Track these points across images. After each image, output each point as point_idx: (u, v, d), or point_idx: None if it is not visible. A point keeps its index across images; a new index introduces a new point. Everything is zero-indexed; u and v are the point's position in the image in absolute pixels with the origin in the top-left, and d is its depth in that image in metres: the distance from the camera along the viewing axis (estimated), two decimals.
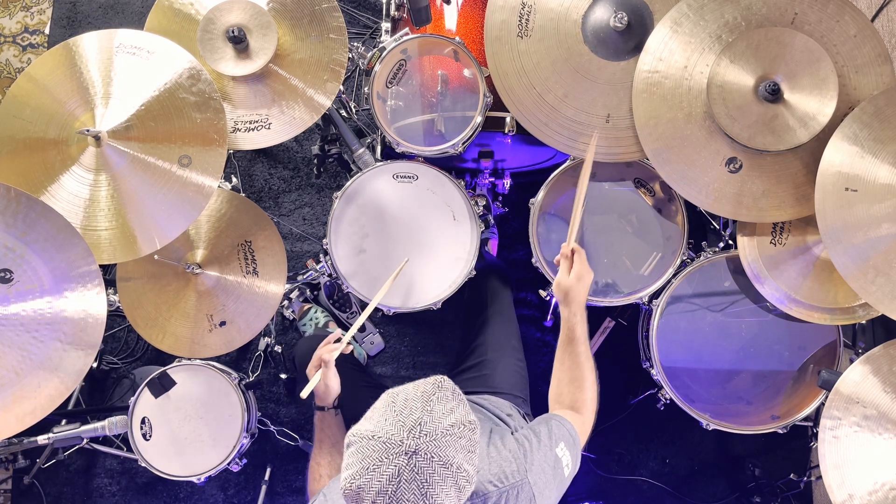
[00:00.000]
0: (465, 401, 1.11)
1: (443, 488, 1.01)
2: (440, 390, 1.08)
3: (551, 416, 1.44)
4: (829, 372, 1.68)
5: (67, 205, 1.63)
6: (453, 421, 1.05)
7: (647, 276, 1.93)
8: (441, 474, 1.01)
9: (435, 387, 1.09)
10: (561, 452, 1.35)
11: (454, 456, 1.03)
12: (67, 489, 2.46)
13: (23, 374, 1.49)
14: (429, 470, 1.01)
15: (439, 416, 1.04)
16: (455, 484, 1.03)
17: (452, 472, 1.02)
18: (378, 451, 1.01)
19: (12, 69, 2.76)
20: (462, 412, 1.08)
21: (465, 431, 1.06)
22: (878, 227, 1.53)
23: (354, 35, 2.66)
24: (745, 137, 1.61)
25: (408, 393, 1.08)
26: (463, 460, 1.04)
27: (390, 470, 1.00)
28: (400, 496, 1.00)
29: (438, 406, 1.05)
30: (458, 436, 1.04)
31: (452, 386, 1.11)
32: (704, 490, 2.47)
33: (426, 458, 1.01)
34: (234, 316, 1.84)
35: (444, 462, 1.02)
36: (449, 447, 1.02)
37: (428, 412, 1.04)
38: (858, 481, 1.53)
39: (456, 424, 1.05)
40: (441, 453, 1.02)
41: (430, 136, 1.87)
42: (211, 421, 1.90)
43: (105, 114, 1.65)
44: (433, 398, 1.06)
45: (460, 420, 1.06)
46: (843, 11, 1.62)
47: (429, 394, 1.07)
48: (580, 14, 1.73)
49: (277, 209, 2.62)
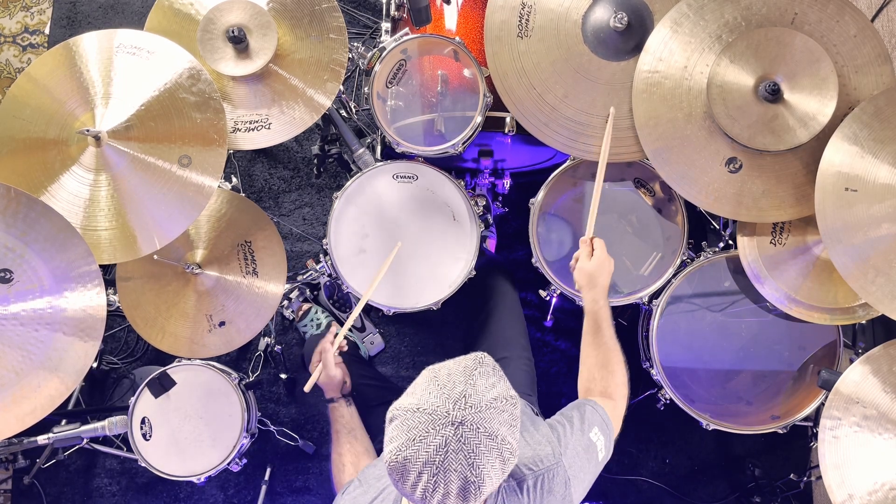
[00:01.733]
0: (505, 377, 1.12)
1: (488, 459, 1.02)
2: (482, 365, 1.09)
3: (584, 401, 1.44)
4: (829, 372, 1.68)
5: (67, 205, 1.63)
6: (496, 395, 1.06)
7: (647, 276, 1.93)
8: (487, 445, 1.02)
9: (476, 362, 1.10)
10: (595, 437, 1.36)
11: (499, 428, 1.04)
12: (67, 489, 2.46)
13: (23, 374, 1.49)
14: (475, 440, 1.01)
15: (483, 389, 1.05)
16: (500, 455, 1.04)
17: (497, 444, 1.03)
18: (424, 423, 1.02)
19: (12, 69, 2.76)
20: (503, 387, 1.09)
21: (507, 405, 1.06)
22: (878, 227, 1.53)
23: (354, 35, 2.66)
24: (745, 137, 1.61)
25: (450, 368, 1.08)
26: (507, 433, 1.05)
27: (437, 440, 1.00)
28: (447, 466, 1.01)
29: (481, 380, 1.06)
30: (501, 409, 1.05)
31: (493, 362, 1.12)
32: (704, 490, 2.47)
33: (472, 429, 1.01)
34: (233, 316, 1.84)
35: (489, 433, 1.02)
36: (493, 419, 1.03)
37: (472, 385, 1.05)
38: (858, 481, 1.53)
39: (499, 398, 1.06)
40: (486, 425, 1.02)
41: (430, 136, 1.87)
42: (211, 421, 1.90)
43: (105, 114, 1.65)
44: (475, 372, 1.07)
45: (502, 394, 1.07)
46: (843, 11, 1.62)
47: (471, 368, 1.08)
48: (580, 14, 1.73)
49: (277, 209, 2.62)
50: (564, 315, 2.50)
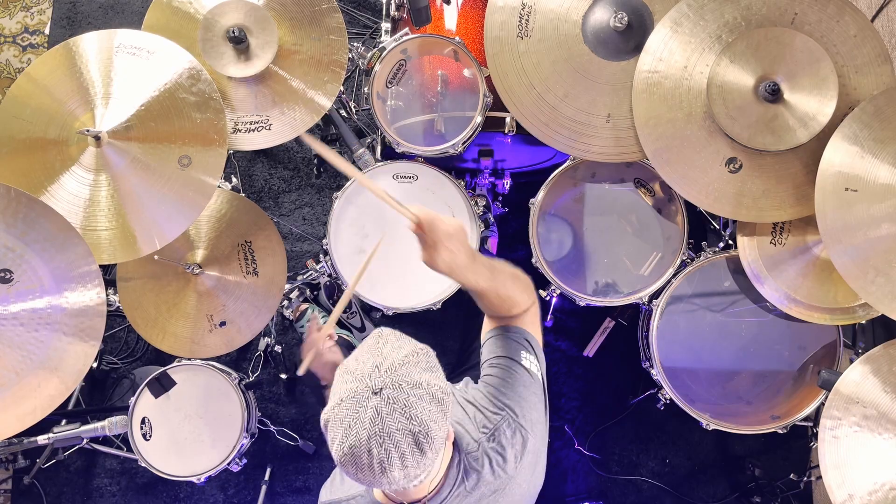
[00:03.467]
0: (410, 338, 1.15)
1: (422, 405, 1.04)
2: (381, 337, 1.13)
3: (490, 334, 1.39)
4: (829, 372, 1.68)
5: (67, 205, 1.63)
6: (406, 352, 1.09)
7: (647, 276, 1.93)
8: (415, 394, 1.05)
9: (376, 337, 1.14)
10: (526, 362, 1.34)
11: (419, 375, 1.07)
12: (67, 489, 2.46)
13: (23, 374, 1.49)
14: (402, 395, 1.04)
15: (390, 352, 1.09)
16: (433, 397, 1.06)
17: (424, 389, 1.06)
18: (351, 407, 1.04)
19: (12, 69, 2.76)
20: (411, 345, 1.12)
21: (420, 357, 1.10)
22: (878, 227, 1.53)
23: (354, 35, 2.66)
24: (744, 137, 1.61)
25: (355, 356, 1.12)
26: (429, 377, 1.08)
27: (369, 413, 1.03)
28: (389, 429, 1.02)
29: (386, 347, 1.10)
30: (414, 361, 1.08)
31: (391, 330, 1.16)
32: (704, 490, 2.47)
33: (395, 387, 1.04)
34: (234, 316, 1.84)
35: (412, 383, 1.05)
36: (411, 372, 1.06)
37: (378, 355, 1.09)
38: (858, 481, 1.53)
39: (408, 354, 1.09)
40: (406, 378, 1.05)
41: (430, 136, 1.87)
42: (211, 421, 1.90)
43: (105, 114, 1.65)
44: (378, 344, 1.11)
45: (412, 350, 1.10)
46: (843, 11, 1.62)
47: (372, 344, 1.12)
48: (580, 14, 1.73)
49: (277, 209, 2.62)
50: (564, 315, 2.50)
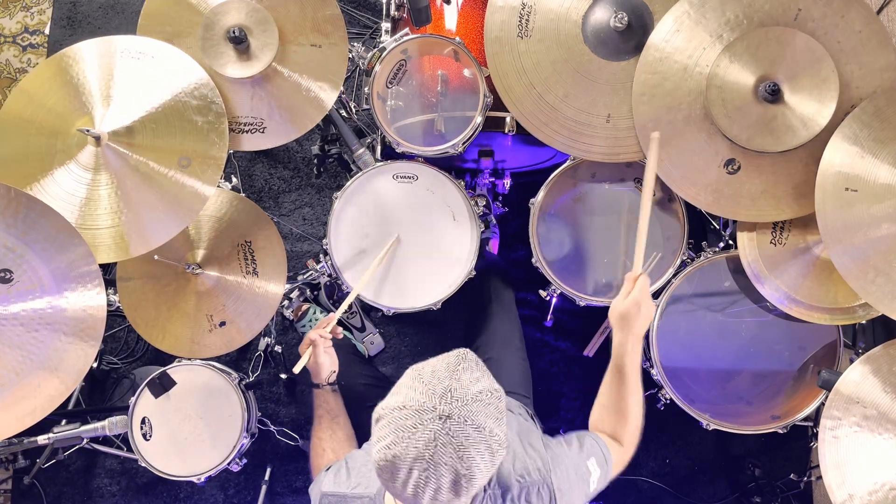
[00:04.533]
0: (488, 372, 1.12)
1: (477, 450, 1.02)
2: (465, 361, 1.10)
3: (588, 433, 1.44)
4: (829, 372, 1.68)
5: (66, 204, 1.62)
6: (481, 388, 1.06)
7: (648, 276, 1.93)
8: (475, 437, 1.02)
9: (459, 358, 1.10)
10: (591, 466, 1.35)
11: (485, 420, 1.04)
12: (67, 489, 2.46)
13: (23, 374, 1.49)
14: (462, 433, 1.01)
15: (467, 383, 1.05)
16: (489, 447, 1.04)
17: (485, 436, 1.03)
18: (411, 419, 1.02)
19: (12, 69, 2.76)
20: (488, 381, 1.09)
21: (492, 398, 1.07)
22: (878, 227, 1.53)
23: (354, 35, 2.66)
24: (743, 139, 1.61)
25: (433, 365, 1.09)
26: (493, 425, 1.05)
27: (426, 435, 1.01)
28: (437, 460, 1.01)
29: (465, 374, 1.07)
30: (486, 402, 1.05)
31: (475, 357, 1.12)
32: (704, 490, 2.47)
33: (459, 422, 1.01)
34: (234, 316, 1.84)
35: (476, 425, 1.02)
36: (480, 412, 1.03)
37: (456, 380, 1.05)
38: (858, 481, 1.53)
39: (483, 391, 1.06)
40: (473, 417, 1.02)
41: (430, 136, 1.87)
42: (211, 421, 1.90)
43: (105, 115, 1.65)
44: (459, 367, 1.08)
45: (487, 388, 1.07)
46: (850, 6, 1.59)
47: (454, 364, 1.08)
48: (580, 14, 1.73)
49: (277, 209, 2.62)
50: (564, 315, 2.50)
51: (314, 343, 1.63)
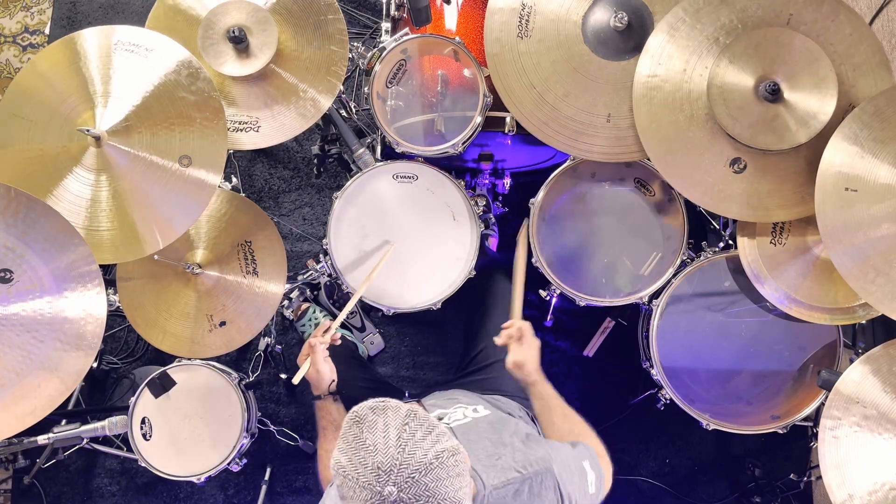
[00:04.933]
0: (438, 426, 1.07)
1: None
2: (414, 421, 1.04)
3: (574, 441, 1.45)
4: (829, 372, 1.68)
5: (69, 205, 1.62)
6: (434, 455, 1.01)
7: (647, 276, 1.93)
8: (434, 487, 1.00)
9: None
10: (586, 467, 1.36)
11: (442, 489, 1.00)
12: (67, 489, 2.46)
13: (23, 374, 1.48)
14: (424, 499, 0.99)
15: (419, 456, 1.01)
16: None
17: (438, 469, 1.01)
18: (362, 497, 0.99)
19: (12, 69, 2.76)
20: (442, 444, 1.04)
21: (446, 460, 1.02)
22: (878, 227, 1.53)
23: (354, 35, 2.66)
24: (746, 137, 1.61)
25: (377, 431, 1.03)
26: (450, 489, 1.01)
27: None
28: None
29: (410, 446, 1.02)
30: (440, 467, 1.01)
31: (425, 416, 1.07)
32: (704, 490, 2.47)
33: (415, 497, 0.99)
34: (234, 316, 1.84)
35: (431, 501, 1.00)
36: (436, 483, 1.00)
37: (401, 451, 1.00)
38: (858, 481, 1.53)
39: (438, 455, 1.02)
40: (428, 492, 0.99)
41: (430, 136, 1.87)
42: (211, 421, 1.90)
43: (104, 113, 1.65)
44: (404, 435, 1.02)
45: (440, 451, 1.02)
46: (838, 11, 1.62)
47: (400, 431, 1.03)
48: (580, 14, 1.73)
49: (277, 209, 2.62)
50: (564, 315, 2.50)
51: (313, 350, 1.62)
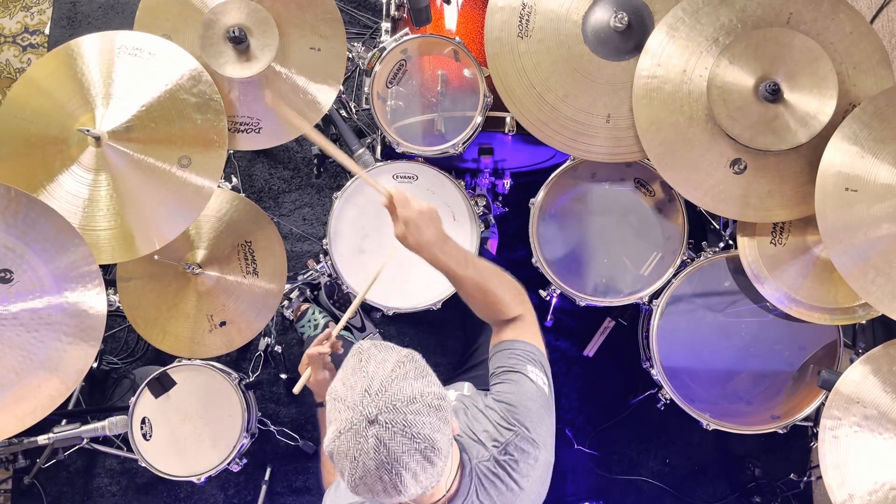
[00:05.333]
0: (390, 345, 1.11)
1: (421, 420, 1.02)
2: (361, 354, 1.09)
3: (498, 348, 1.41)
4: (829, 372, 1.68)
5: (67, 205, 1.62)
6: (391, 365, 1.05)
7: (647, 276, 1.93)
8: (412, 410, 1.02)
9: (357, 356, 1.09)
10: (533, 375, 1.33)
11: (411, 388, 1.03)
12: (67, 489, 2.46)
13: (23, 374, 1.49)
14: (399, 416, 1.01)
15: (375, 371, 1.05)
16: (429, 408, 1.04)
17: (420, 402, 1.03)
18: (351, 440, 1.02)
19: (12, 69, 2.76)
20: (394, 354, 1.08)
21: (407, 366, 1.06)
22: (878, 227, 1.53)
23: (354, 35, 2.66)
24: (746, 138, 1.61)
25: (341, 378, 1.08)
26: (422, 386, 1.05)
27: (370, 443, 1.01)
28: (395, 454, 1.01)
29: (370, 365, 1.06)
30: (402, 374, 1.05)
31: (370, 344, 1.11)
32: (704, 490, 2.47)
33: (390, 410, 1.01)
34: (234, 316, 1.84)
35: (405, 400, 1.02)
36: (402, 388, 1.03)
37: (364, 376, 1.04)
38: (858, 481, 1.53)
39: (395, 366, 1.05)
40: (398, 397, 1.02)
41: (430, 136, 1.87)
42: (211, 421, 1.90)
43: (105, 114, 1.65)
44: (361, 364, 1.07)
45: (397, 360, 1.06)
46: (838, 9, 1.62)
47: (355, 365, 1.07)
48: (580, 14, 1.73)
49: (277, 209, 2.62)
50: (564, 315, 2.50)
51: (312, 360, 1.61)
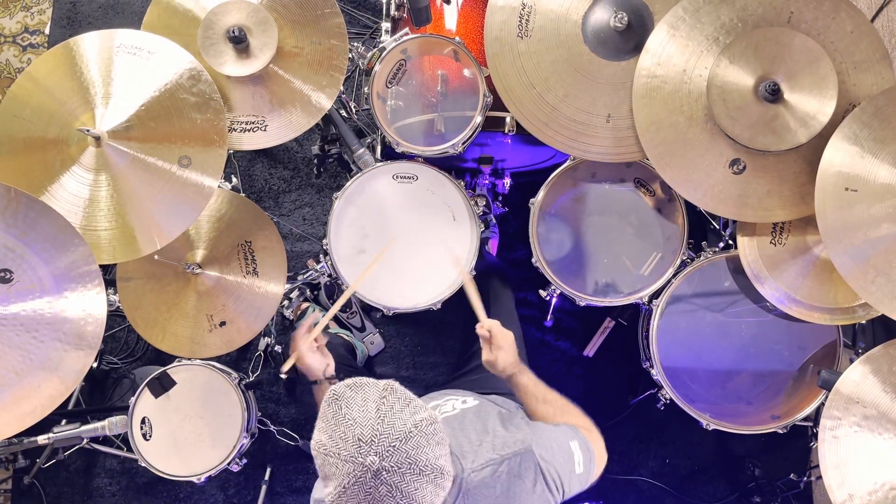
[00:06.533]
0: (414, 399, 1.11)
1: (419, 490, 1.03)
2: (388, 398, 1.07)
3: (564, 423, 1.44)
4: (829, 372, 1.68)
5: (67, 205, 1.62)
6: (413, 424, 1.05)
7: (647, 276, 1.93)
8: (412, 480, 1.03)
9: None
10: (574, 448, 1.34)
11: (423, 456, 1.03)
12: (67, 489, 2.46)
13: (23, 374, 1.48)
14: (401, 482, 1.02)
15: (398, 423, 1.04)
16: (431, 480, 1.05)
17: (426, 474, 1.04)
18: (348, 472, 1.02)
19: (12, 69, 2.76)
20: (420, 414, 1.07)
21: (425, 428, 1.06)
22: (878, 227, 1.53)
23: (354, 35, 2.66)
24: (745, 138, 1.61)
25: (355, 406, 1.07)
26: (430, 455, 1.05)
27: (365, 491, 1.02)
28: (409, 493, 1.02)
29: (390, 417, 1.05)
30: (420, 435, 1.04)
31: (402, 390, 1.11)
32: (704, 490, 2.47)
33: (394, 472, 1.01)
34: (233, 316, 1.84)
35: (413, 468, 1.02)
36: (416, 450, 1.03)
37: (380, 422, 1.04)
38: (858, 481, 1.53)
39: (417, 424, 1.05)
40: (409, 459, 1.02)
41: (430, 136, 1.87)
42: (211, 421, 1.90)
43: (105, 114, 1.65)
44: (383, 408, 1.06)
45: (419, 420, 1.06)
46: (839, 8, 1.61)
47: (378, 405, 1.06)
48: (580, 14, 1.73)
49: (277, 209, 2.62)
50: (564, 315, 2.50)
51: (295, 344, 1.62)
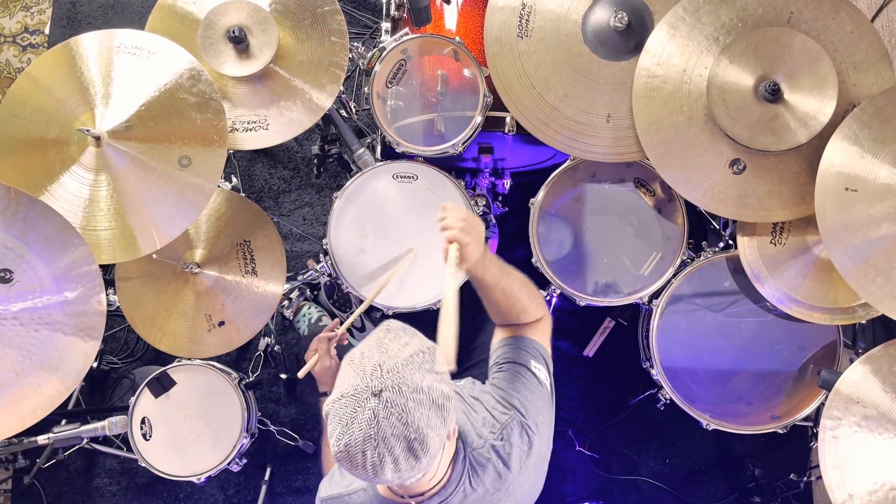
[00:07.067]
0: (417, 333, 1.13)
1: (421, 411, 1.03)
2: (389, 332, 1.11)
3: (503, 343, 1.41)
4: (829, 372, 1.68)
5: (67, 205, 1.62)
6: (410, 352, 1.07)
7: (647, 276, 1.93)
8: (415, 399, 1.03)
9: (384, 331, 1.11)
10: (535, 370, 1.35)
11: (421, 379, 1.05)
12: (67, 489, 2.46)
13: (23, 374, 1.48)
14: (401, 399, 1.03)
15: (395, 351, 1.07)
16: (432, 403, 1.05)
17: (425, 394, 1.04)
18: (350, 406, 1.03)
19: (12, 69, 2.76)
20: (417, 342, 1.10)
21: (425, 357, 1.08)
22: (878, 227, 1.53)
23: (354, 35, 2.66)
24: (745, 138, 1.61)
25: (362, 348, 1.10)
26: (432, 381, 1.06)
27: (366, 415, 1.02)
28: (384, 434, 1.02)
29: (392, 344, 1.08)
30: (418, 363, 1.06)
31: (400, 324, 1.13)
32: (704, 490, 2.47)
33: (395, 391, 1.03)
34: (232, 316, 1.84)
35: (413, 388, 1.04)
36: (413, 374, 1.04)
37: (384, 352, 1.06)
38: (858, 481, 1.53)
39: (414, 354, 1.07)
40: (408, 382, 1.04)
41: (430, 136, 1.87)
42: (211, 421, 1.90)
43: (105, 114, 1.65)
44: (385, 340, 1.09)
45: (417, 349, 1.08)
46: (839, 8, 1.62)
47: (380, 338, 1.09)
48: (580, 14, 1.73)
49: (277, 209, 2.62)
50: (564, 315, 2.50)
51: (321, 346, 1.63)
